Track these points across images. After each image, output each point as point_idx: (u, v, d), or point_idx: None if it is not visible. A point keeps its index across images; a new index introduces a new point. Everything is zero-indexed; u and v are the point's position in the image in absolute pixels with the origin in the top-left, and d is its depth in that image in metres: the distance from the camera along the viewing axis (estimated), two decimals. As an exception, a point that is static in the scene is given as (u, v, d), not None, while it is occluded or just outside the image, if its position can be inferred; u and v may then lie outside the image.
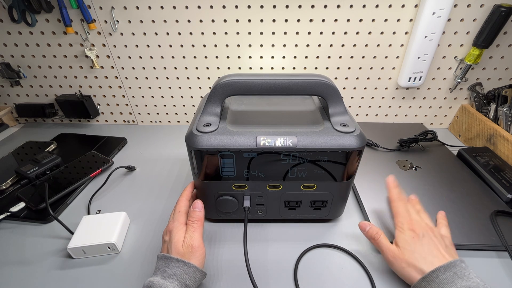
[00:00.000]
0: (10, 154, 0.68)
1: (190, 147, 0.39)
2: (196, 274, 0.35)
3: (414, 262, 0.35)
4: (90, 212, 0.53)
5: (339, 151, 0.38)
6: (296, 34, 0.65)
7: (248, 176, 0.42)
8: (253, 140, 0.38)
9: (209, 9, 0.62)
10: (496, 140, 0.62)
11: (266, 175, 0.42)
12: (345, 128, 0.39)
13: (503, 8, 0.57)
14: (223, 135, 0.38)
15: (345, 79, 0.72)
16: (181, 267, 0.35)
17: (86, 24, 0.65)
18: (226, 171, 0.41)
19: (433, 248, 0.36)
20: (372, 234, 0.41)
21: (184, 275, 0.34)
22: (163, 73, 0.73)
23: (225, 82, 0.39)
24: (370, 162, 0.61)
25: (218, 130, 0.39)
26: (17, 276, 0.42)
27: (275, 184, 0.43)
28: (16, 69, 0.73)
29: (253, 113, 0.46)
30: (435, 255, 0.35)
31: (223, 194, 0.44)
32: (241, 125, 0.41)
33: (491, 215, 0.47)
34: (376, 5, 0.61)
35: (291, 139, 0.38)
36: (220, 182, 0.43)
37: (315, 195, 0.44)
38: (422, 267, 0.34)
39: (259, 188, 0.44)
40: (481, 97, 0.70)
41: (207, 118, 0.41)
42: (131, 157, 0.68)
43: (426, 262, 0.35)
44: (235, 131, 0.39)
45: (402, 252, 0.37)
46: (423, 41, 0.62)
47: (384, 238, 0.40)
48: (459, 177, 0.57)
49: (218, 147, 0.38)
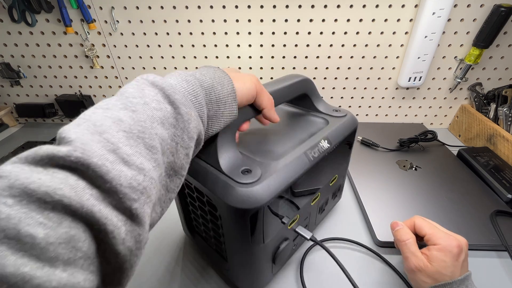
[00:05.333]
0: (10, 154, 0.68)
1: (245, 212, 0.27)
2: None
3: (438, 278, 0.33)
4: (90, 212, 0.53)
5: (352, 132, 0.40)
6: (296, 34, 0.65)
7: (298, 203, 0.34)
8: (304, 160, 0.32)
9: (209, 9, 0.62)
10: (496, 140, 0.62)
11: (310, 189, 0.36)
12: (339, 112, 0.41)
13: (503, 8, 0.57)
14: (271, 179, 0.28)
15: (345, 79, 0.72)
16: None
17: (86, 24, 0.65)
18: (286, 213, 0.32)
19: (458, 265, 0.34)
20: (402, 236, 0.37)
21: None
22: (163, 73, 0.73)
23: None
24: (370, 162, 0.61)
25: (262, 176, 0.29)
26: (17, 276, 0.42)
27: (316, 195, 0.39)
28: (16, 69, 0.73)
29: (254, 136, 0.38)
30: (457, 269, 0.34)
31: (282, 242, 0.35)
32: (264, 154, 0.33)
33: (491, 215, 0.47)
34: (376, 5, 0.61)
35: (325, 140, 0.35)
36: (280, 229, 0.33)
37: (335, 185, 0.44)
38: (442, 281, 0.33)
39: (306, 209, 0.37)
40: (481, 97, 0.70)
41: (232, 158, 0.30)
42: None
43: (447, 277, 0.33)
44: (278, 166, 0.30)
45: (432, 267, 0.33)
46: (423, 41, 0.62)
47: (414, 244, 0.36)
48: (459, 177, 0.57)
49: (276, 194, 0.28)
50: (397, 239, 0.38)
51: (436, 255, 0.34)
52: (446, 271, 0.33)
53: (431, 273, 0.33)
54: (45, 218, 0.14)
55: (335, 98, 0.75)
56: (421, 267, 0.34)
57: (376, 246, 0.45)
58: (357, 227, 0.49)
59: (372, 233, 0.46)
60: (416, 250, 0.36)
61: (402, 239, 0.37)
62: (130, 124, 0.19)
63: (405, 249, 0.37)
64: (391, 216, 0.48)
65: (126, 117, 0.19)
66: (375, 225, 0.47)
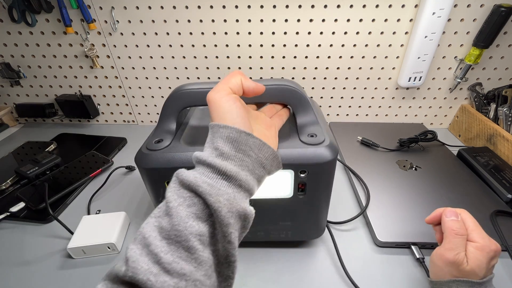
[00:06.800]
0: (10, 154, 0.68)
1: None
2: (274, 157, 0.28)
3: (468, 276, 0.32)
4: (90, 212, 0.53)
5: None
6: (296, 34, 0.65)
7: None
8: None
9: (209, 9, 0.62)
10: (496, 140, 0.62)
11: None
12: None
13: (503, 8, 0.57)
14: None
15: (345, 79, 0.72)
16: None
17: (86, 24, 0.65)
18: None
19: (489, 269, 0.34)
20: (460, 229, 0.35)
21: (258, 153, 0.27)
22: (163, 73, 0.73)
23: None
24: (370, 162, 0.61)
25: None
26: (17, 276, 0.42)
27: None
28: (16, 69, 0.73)
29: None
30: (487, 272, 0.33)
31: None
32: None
33: (491, 215, 0.47)
34: (376, 5, 0.61)
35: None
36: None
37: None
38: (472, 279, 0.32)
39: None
40: (481, 97, 0.70)
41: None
42: (131, 157, 0.67)
43: (476, 277, 0.32)
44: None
45: (468, 265, 0.32)
46: (423, 41, 0.62)
47: (466, 240, 0.34)
48: (459, 177, 0.57)
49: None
50: (451, 229, 0.35)
51: (473, 254, 0.33)
52: (479, 272, 0.32)
53: (464, 271, 0.32)
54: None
55: (335, 98, 0.75)
56: (459, 263, 0.33)
57: (376, 246, 0.45)
58: (357, 227, 0.49)
59: (372, 233, 0.46)
60: (465, 247, 0.34)
61: (460, 233, 0.34)
62: (168, 230, 0.21)
63: (456, 241, 0.34)
64: (391, 216, 0.48)
65: (166, 223, 0.22)
66: (375, 225, 0.47)
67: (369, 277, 0.41)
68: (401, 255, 0.44)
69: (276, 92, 0.35)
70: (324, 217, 0.42)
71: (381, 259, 0.43)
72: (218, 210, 0.22)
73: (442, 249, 0.35)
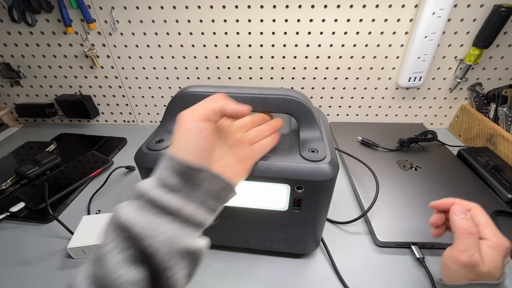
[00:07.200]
0: (10, 154, 0.68)
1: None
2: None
3: (485, 278, 0.30)
4: (90, 212, 0.53)
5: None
6: (296, 34, 0.65)
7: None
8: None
9: (209, 9, 0.62)
10: (496, 140, 0.62)
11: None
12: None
13: (503, 8, 0.57)
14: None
15: (345, 79, 0.72)
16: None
17: (86, 24, 0.65)
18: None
19: (503, 267, 0.31)
20: (471, 228, 0.32)
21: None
22: (163, 73, 0.73)
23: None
24: (370, 162, 0.61)
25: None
26: (17, 276, 0.42)
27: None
28: (16, 69, 0.73)
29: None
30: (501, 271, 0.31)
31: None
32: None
33: (491, 215, 0.47)
34: (376, 5, 0.61)
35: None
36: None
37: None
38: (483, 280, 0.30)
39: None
40: (481, 97, 0.70)
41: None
42: (131, 157, 0.67)
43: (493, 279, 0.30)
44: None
45: (485, 267, 0.30)
46: (423, 41, 0.62)
47: (478, 239, 0.32)
48: (459, 177, 0.57)
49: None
50: (463, 228, 0.32)
51: (489, 254, 0.30)
52: (496, 272, 0.30)
53: (481, 273, 0.29)
54: None
55: (335, 98, 0.75)
56: (475, 265, 0.30)
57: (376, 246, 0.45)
58: (357, 227, 0.49)
59: (372, 233, 0.46)
60: (478, 246, 0.31)
61: (473, 232, 0.32)
62: (102, 277, 0.20)
63: (469, 241, 0.31)
64: (391, 216, 0.48)
65: (99, 271, 0.21)
66: (375, 225, 0.47)
67: (369, 277, 0.41)
68: (401, 255, 0.44)
69: (281, 102, 0.34)
70: (319, 233, 0.41)
71: (381, 259, 0.43)
72: (153, 254, 0.21)
73: (455, 251, 0.32)
